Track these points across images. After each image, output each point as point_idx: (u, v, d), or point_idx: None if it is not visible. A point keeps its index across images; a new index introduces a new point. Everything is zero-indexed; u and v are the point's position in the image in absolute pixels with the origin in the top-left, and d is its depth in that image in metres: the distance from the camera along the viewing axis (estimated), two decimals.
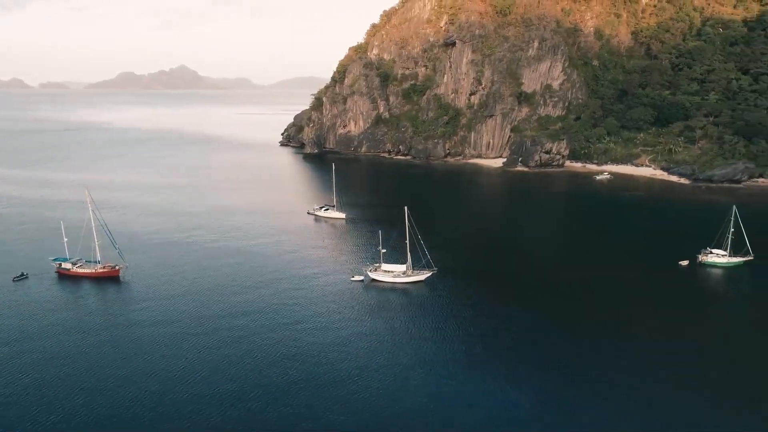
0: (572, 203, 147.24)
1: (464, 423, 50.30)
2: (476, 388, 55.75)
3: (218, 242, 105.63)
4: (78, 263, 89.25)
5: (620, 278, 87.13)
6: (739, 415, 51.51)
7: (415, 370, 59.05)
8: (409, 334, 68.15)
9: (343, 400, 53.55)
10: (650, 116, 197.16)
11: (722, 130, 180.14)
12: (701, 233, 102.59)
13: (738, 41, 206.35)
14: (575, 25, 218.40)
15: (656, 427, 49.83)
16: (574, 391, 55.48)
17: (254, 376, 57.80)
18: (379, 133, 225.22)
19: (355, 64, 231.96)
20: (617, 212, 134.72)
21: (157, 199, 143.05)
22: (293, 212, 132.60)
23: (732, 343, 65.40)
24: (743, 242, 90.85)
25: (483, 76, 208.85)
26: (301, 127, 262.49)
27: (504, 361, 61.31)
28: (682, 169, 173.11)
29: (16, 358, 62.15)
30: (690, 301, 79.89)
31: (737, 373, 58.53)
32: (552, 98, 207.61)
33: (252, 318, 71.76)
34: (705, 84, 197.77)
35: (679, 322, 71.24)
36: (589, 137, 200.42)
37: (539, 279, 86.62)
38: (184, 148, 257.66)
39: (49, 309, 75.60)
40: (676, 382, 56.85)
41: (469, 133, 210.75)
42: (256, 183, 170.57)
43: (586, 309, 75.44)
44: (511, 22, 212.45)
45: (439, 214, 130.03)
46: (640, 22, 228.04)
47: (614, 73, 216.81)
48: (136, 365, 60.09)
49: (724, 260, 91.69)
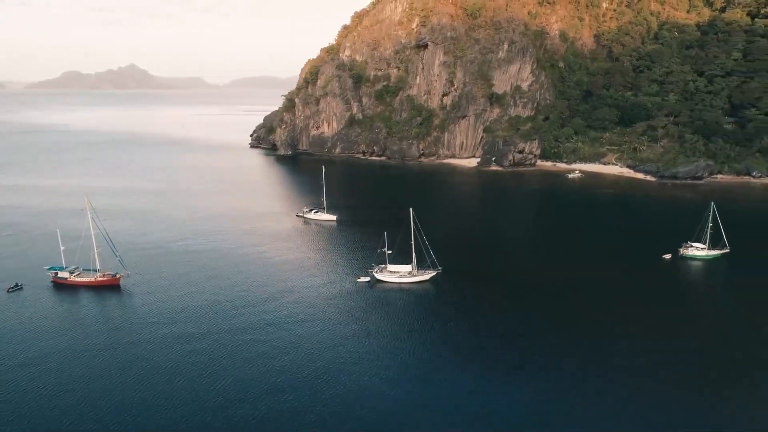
0: (551, 202, 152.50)
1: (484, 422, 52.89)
2: (490, 384, 58.53)
3: (214, 248, 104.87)
4: (76, 272, 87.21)
5: (610, 272, 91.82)
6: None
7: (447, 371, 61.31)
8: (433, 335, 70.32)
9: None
10: (615, 116, 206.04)
11: (682, 129, 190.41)
12: (676, 227, 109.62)
13: (693, 45, 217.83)
14: (542, 28, 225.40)
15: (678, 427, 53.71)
16: (575, 389, 58.92)
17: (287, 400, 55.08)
18: (353, 134, 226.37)
19: (327, 65, 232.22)
20: (596, 210, 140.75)
21: (140, 205, 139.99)
22: (281, 215, 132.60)
23: (717, 330, 70.64)
24: (720, 236, 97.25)
25: (455, 77, 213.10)
26: (271, 129, 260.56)
27: (505, 358, 64.32)
28: (647, 166, 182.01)
29: (10, 372, 60.33)
30: (675, 290, 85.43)
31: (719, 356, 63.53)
32: (522, 99, 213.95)
33: (268, 330, 70.16)
34: (664, 85, 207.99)
35: (669, 311, 76.19)
36: (558, 137, 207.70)
37: (537, 277, 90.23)
38: (151, 151, 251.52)
39: (48, 321, 73.52)
40: (676, 380, 61.20)
41: (443, 133, 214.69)
42: (236, 186, 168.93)
43: (583, 304, 79.29)
44: (480, 25, 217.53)
45: (429, 214, 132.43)
46: (601, 26, 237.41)
47: (579, 75, 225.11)
48: (149, 389, 57.33)
49: (703, 253, 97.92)
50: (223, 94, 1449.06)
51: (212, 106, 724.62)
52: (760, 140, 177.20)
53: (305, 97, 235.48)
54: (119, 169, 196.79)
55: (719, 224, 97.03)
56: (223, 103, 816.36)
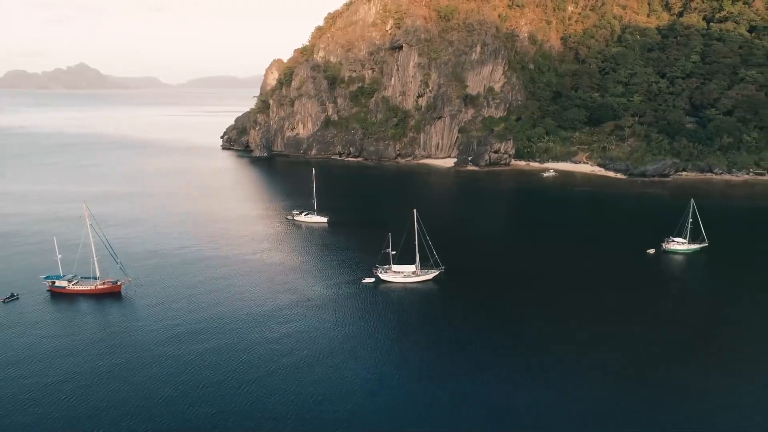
0: (534, 200, 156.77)
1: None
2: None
3: (209, 252, 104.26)
4: (74, 280, 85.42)
5: (602, 267, 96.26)
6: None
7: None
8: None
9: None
10: (584, 116, 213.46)
11: (648, 129, 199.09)
12: (655, 223, 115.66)
13: (654, 47, 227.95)
14: (512, 30, 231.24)
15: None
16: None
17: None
18: (329, 135, 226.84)
19: (301, 66, 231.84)
20: (577, 207, 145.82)
21: (125, 210, 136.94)
22: (272, 218, 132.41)
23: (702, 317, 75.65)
24: (699, 231, 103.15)
25: (430, 78, 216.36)
26: (243, 130, 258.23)
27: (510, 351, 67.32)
28: (617, 165, 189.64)
29: (6, 388, 58.86)
30: (662, 283, 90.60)
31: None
32: (494, 100, 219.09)
33: (279, 339, 69.04)
34: (629, 86, 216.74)
35: (665, 301, 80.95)
36: (531, 137, 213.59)
37: (536, 273, 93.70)
38: (119, 154, 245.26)
39: (48, 332, 71.94)
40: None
41: (419, 134, 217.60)
42: (219, 189, 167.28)
43: (583, 296, 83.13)
44: (453, 27, 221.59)
45: (422, 214, 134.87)
46: (568, 29, 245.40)
47: (548, 76, 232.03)
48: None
49: (684, 247, 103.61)
50: (180, 94, 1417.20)
51: (172, 107, 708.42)
52: (720, 139, 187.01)
53: (279, 98, 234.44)
54: (92, 174, 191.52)
55: (698, 220, 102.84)
56: (183, 104, 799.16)
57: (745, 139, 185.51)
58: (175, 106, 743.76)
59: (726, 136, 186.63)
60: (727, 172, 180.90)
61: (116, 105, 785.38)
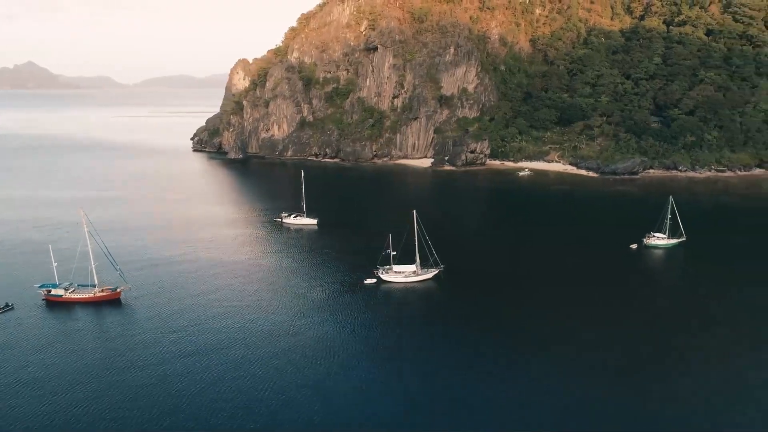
0: (514, 200, 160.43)
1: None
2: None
3: (205, 257, 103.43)
4: (71, 288, 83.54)
5: (590, 262, 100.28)
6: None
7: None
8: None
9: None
10: (554, 116, 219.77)
11: (616, 128, 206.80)
12: (633, 219, 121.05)
13: (618, 50, 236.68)
14: (483, 32, 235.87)
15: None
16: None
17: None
18: (305, 136, 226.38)
19: (276, 67, 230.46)
20: (557, 205, 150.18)
21: (111, 216, 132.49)
22: (259, 221, 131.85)
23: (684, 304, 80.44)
24: (678, 226, 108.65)
25: (405, 79, 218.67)
26: (215, 132, 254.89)
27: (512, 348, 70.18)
28: (588, 163, 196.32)
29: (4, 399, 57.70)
30: (646, 276, 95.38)
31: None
32: (468, 101, 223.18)
33: (286, 346, 68.06)
34: (596, 87, 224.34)
35: (655, 295, 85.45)
36: (504, 137, 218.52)
37: (528, 271, 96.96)
38: (85, 157, 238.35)
39: (48, 343, 70.15)
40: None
41: (395, 134, 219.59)
42: (199, 192, 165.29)
43: (576, 289, 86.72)
44: (427, 29, 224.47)
45: (408, 214, 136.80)
46: (536, 31, 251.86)
47: (519, 78, 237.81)
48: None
49: (664, 242, 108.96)
50: (135, 94, 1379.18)
51: (130, 108, 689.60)
52: (684, 138, 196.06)
53: (253, 99, 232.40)
54: (64, 179, 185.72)
55: (677, 216, 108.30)
56: (141, 104, 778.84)
57: (707, 137, 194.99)
58: (132, 106, 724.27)
59: (689, 135, 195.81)
60: (690, 169, 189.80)
61: (70, 106, 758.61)
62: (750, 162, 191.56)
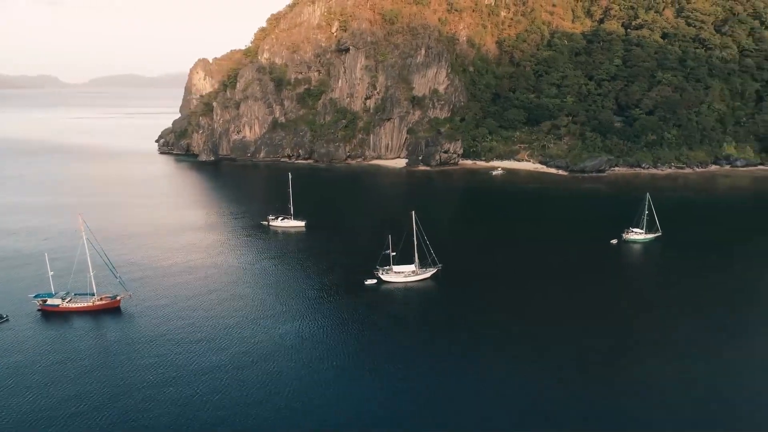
0: (492, 198, 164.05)
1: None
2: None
3: (199, 262, 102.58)
4: (68, 298, 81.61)
5: (575, 257, 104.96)
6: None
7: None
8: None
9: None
10: (522, 117, 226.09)
11: (582, 127, 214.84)
12: (608, 216, 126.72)
13: (581, 52, 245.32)
14: (452, 34, 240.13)
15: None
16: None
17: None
18: (277, 137, 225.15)
19: (246, 68, 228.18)
20: (535, 203, 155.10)
21: (94, 222, 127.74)
22: (245, 224, 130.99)
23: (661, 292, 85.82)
24: (654, 222, 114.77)
25: (377, 81, 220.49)
26: (182, 133, 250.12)
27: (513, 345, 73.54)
28: (557, 162, 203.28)
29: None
30: (629, 269, 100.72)
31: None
32: (439, 101, 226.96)
33: (309, 363, 66.04)
34: (562, 88, 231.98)
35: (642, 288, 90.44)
36: (475, 137, 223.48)
37: (521, 267, 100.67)
38: (45, 161, 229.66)
39: (51, 356, 68.12)
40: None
41: (368, 135, 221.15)
42: (175, 197, 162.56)
43: (568, 281, 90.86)
44: (398, 30, 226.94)
45: (398, 213, 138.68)
46: (502, 33, 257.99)
47: (488, 79, 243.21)
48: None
49: (641, 237, 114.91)
50: (83, 94, 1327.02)
51: (80, 109, 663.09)
52: (645, 137, 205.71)
53: (223, 101, 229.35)
54: (31, 183, 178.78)
55: (654, 212, 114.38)
56: (93, 105, 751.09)
57: (666, 136, 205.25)
58: (83, 107, 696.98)
59: (650, 133, 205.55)
60: (653, 166, 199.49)
61: (13, 107, 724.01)
62: (706, 159, 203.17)
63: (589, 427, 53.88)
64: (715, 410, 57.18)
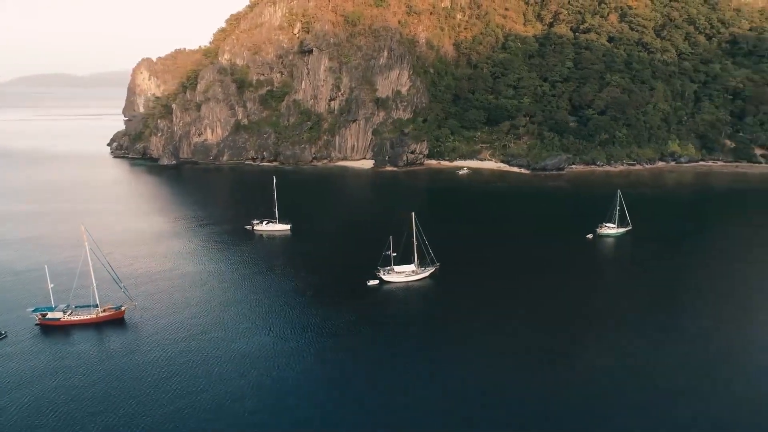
0: (460, 197, 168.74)
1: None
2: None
3: (193, 270, 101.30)
4: (69, 311, 79.23)
5: (556, 251, 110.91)
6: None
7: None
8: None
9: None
10: (482, 117, 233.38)
11: (540, 127, 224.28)
12: (580, 212, 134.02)
13: (534, 54, 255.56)
14: (413, 36, 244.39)
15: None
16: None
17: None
18: (240, 140, 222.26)
19: (207, 69, 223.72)
20: (507, 201, 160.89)
21: (70, 231, 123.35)
22: (228, 229, 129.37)
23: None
24: (625, 217, 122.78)
25: (342, 82, 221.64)
26: (137, 136, 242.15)
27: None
28: (519, 161, 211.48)
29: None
30: (606, 261, 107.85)
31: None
32: (402, 103, 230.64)
33: (324, 377, 65.83)
34: (518, 89, 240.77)
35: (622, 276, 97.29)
36: (438, 137, 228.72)
37: (512, 264, 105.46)
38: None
39: (56, 375, 66.11)
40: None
41: (333, 137, 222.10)
42: (146, 202, 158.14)
43: (554, 275, 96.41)
44: (360, 32, 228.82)
45: (378, 215, 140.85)
46: (459, 35, 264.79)
47: (447, 80, 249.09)
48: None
49: (614, 231, 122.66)
50: (8, 93, 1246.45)
51: (11, 110, 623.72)
52: (599, 135, 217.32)
53: (183, 102, 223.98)
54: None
55: (624, 208, 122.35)
56: (22, 106, 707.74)
57: (618, 135, 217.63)
58: (12, 108, 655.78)
59: (603, 133, 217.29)
60: (606, 163, 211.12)
61: None
62: (654, 156, 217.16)
63: (589, 428, 57.18)
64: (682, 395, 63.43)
